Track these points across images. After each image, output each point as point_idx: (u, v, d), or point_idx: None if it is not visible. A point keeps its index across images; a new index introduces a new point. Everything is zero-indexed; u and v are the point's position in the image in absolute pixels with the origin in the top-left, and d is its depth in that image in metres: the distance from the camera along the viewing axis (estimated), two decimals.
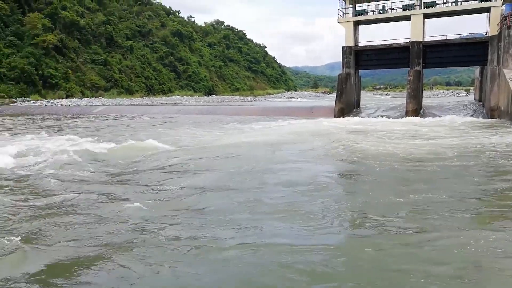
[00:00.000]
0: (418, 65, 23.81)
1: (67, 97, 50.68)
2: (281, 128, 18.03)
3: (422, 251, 4.24)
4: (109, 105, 39.15)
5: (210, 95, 79.36)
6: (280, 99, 74.07)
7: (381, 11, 25.63)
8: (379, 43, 26.20)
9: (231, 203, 6.06)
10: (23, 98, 45.35)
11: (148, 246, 4.42)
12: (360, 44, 26.77)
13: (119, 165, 9.29)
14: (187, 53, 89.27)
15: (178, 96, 66.20)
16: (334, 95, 41.45)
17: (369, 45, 26.47)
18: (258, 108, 32.93)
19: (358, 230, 4.94)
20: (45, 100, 44.63)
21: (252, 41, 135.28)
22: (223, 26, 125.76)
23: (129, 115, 28.99)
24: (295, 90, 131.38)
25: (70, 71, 55.47)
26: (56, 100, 46.16)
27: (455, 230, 4.82)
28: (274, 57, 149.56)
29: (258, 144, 12.31)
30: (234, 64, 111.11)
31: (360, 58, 26.86)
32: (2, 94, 44.71)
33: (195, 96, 69.88)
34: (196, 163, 9.36)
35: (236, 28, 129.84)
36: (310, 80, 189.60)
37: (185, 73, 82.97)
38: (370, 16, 25.88)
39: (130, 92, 63.94)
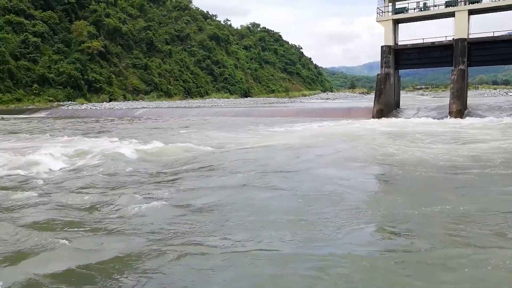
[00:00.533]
0: (462, 63, 22.77)
1: (110, 100, 52.99)
2: (316, 129, 17.85)
3: (453, 273, 3.82)
4: (149, 108, 40.47)
5: (246, 97, 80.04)
6: (315, 100, 73.38)
7: (422, 9, 24.77)
8: (419, 41, 25.34)
9: (240, 205, 6.07)
10: (70, 101, 47.93)
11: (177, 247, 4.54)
12: (399, 43, 26.00)
13: (159, 165, 9.59)
14: (223, 56, 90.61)
15: (215, 99, 67.34)
16: (372, 95, 40.54)
17: (410, 44, 25.63)
18: (293, 110, 32.82)
19: (373, 244, 4.57)
20: (90, 104, 46.88)
21: (287, 42, 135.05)
22: (259, 29, 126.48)
23: (168, 118, 29.83)
24: (332, 91, 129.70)
25: (113, 76, 57.97)
26: (100, 103, 48.36)
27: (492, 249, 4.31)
28: (310, 58, 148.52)
29: (290, 147, 12.26)
30: (269, 66, 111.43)
31: (400, 57, 26.09)
32: (51, 98, 47.54)
33: (231, 99, 70.78)
34: (225, 164, 9.48)
35: (272, 30, 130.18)
36: (347, 81, 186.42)
37: (221, 76, 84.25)
38: (411, 14, 25.06)
39: (169, 95, 65.82)
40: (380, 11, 25.58)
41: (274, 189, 7.06)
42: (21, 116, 35.23)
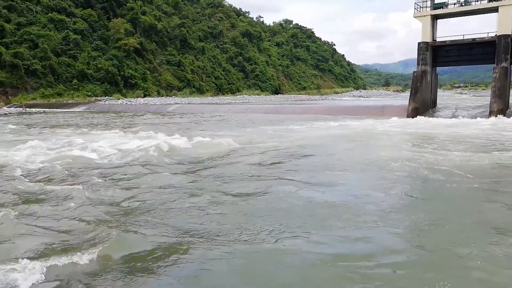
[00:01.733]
0: (505, 61, 21.66)
1: (144, 96, 54.44)
2: (347, 128, 17.57)
3: None
4: (182, 104, 41.25)
5: (277, 94, 79.86)
6: (348, 98, 72.14)
7: (463, 3, 23.74)
8: (459, 38, 24.32)
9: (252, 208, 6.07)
10: (106, 97, 49.64)
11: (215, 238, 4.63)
12: (438, 40, 25.07)
13: (194, 160, 9.80)
14: (255, 53, 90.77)
15: (246, 95, 67.63)
16: (407, 93, 39.33)
17: (449, 41, 24.65)
18: (324, 107, 32.43)
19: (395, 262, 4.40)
20: (126, 99, 48.36)
21: (320, 39, 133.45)
22: (291, 25, 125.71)
23: (200, 114, 30.30)
24: (365, 89, 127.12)
25: (148, 72, 59.49)
26: (135, 98, 49.78)
27: None
28: (343, 55, 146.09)
29: (319, 145, 12.15)
30: (301, 63, 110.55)
31: (438, 54, 25.16)
32: (89, 93, 49.45)
33: (261, 95, 70.84)
34: (249, 160, 9.53)
35: (305, 26, 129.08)
36: (381, 78, 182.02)
37: (252, 73, 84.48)
38: (451, 9, 24.08)
39: (201, 91, 66.77)
40: (418, 6, 24.75)
41: (307, 192, 7.05)
42: (61, 110, 36.88)
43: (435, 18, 24.83)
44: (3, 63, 43.55)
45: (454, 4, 24.02)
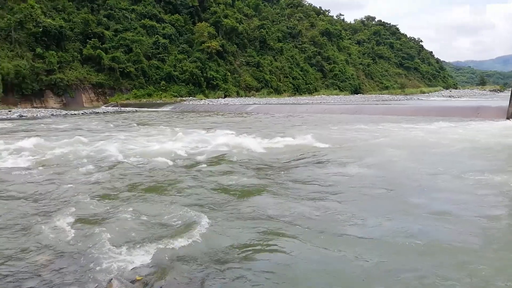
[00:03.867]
0: None
1: (225, 96, 56.58)
2: (434, 132, 16.20)
3: None
4: (260, 104, 41.93)
5: (356, 94, 77.22)
6: (436, 98, 66.95)
7: None
8: None
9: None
10: (190, 97, 52.58)
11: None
12: None
13: (276, 160, 9.86)
14: (334, 52, 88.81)
15: (324, 96, 66.49)
16: (506, 93, 35.13)
17: None
18: (410, 108, 30.38)
19: None
20: (207, 99, 50.70)
21: (405, 35, 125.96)
22: (374, 22, 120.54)
23: (277, 114, 30.48)
24: (456, 88, 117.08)
25: (229, 73, 61.72)
26: (216, 99, 51.93)
27: None
28: (431, 52, 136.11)
29: (403, 150, 11.34)
30: (383, 61, 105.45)
31: None
32: (175, 93, 52.89)
33: (340, 95, 69.04)
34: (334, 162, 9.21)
35: (388, 23, 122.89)
36: (475, 77, 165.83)
37: (331, 72, 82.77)
38: None
39: (278, 92, 67.29)
40: None
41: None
42: (150, 109, 39.92)
43: None
44: (103, 67, 48.64)
45: None
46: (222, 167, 8.91)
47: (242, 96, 58.82)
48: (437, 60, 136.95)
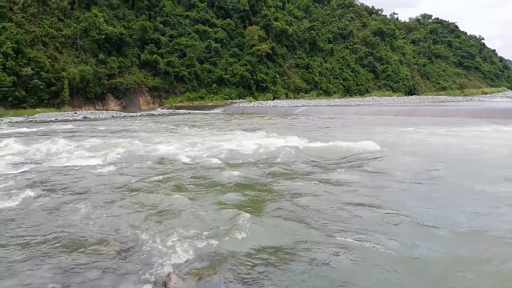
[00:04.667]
0: None
1: (274, 98, 56.92)
2: (494, 136, 15.22)
3: None
4: (309, 106, 41.69)
5: (411, 95, 74.02)
6: (500, 99, 62.36)
7: None
8: None
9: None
10: (240, 99, 53.54)
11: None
12: None
13: (327, 163, 9.89)
14: (387, 52, 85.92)
15: (376, 97, 64.50)
16: None
17: None
18: (472, 110, 28.63)
19: None
20: (257, 102, 51.30)
21: (465, 33, 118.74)
22: (430, 20, 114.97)
23: (327, 115, 30.17)
24: None
25: (278, 75, 62.03)
26: (265, 101, 52.38)
27: None
28: (494, 50, 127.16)
29: (471, 157, 10.80)
30: (441, 61, 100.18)
31: None
32: (226, 96, 54.17)
33: (393, 97, 66.56)
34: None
35: (446, 20, 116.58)
36: None
37: (383, 73, 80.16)
38: None
39: (328, 93, 66.39)
40: None
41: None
42: (203, 111, 41.22)
43: None
44: (158, 71, 51.06)
45: None
46: (275, 169, 9.06)
47: (291, 98, 58.81)
48: (501, 59, 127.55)
